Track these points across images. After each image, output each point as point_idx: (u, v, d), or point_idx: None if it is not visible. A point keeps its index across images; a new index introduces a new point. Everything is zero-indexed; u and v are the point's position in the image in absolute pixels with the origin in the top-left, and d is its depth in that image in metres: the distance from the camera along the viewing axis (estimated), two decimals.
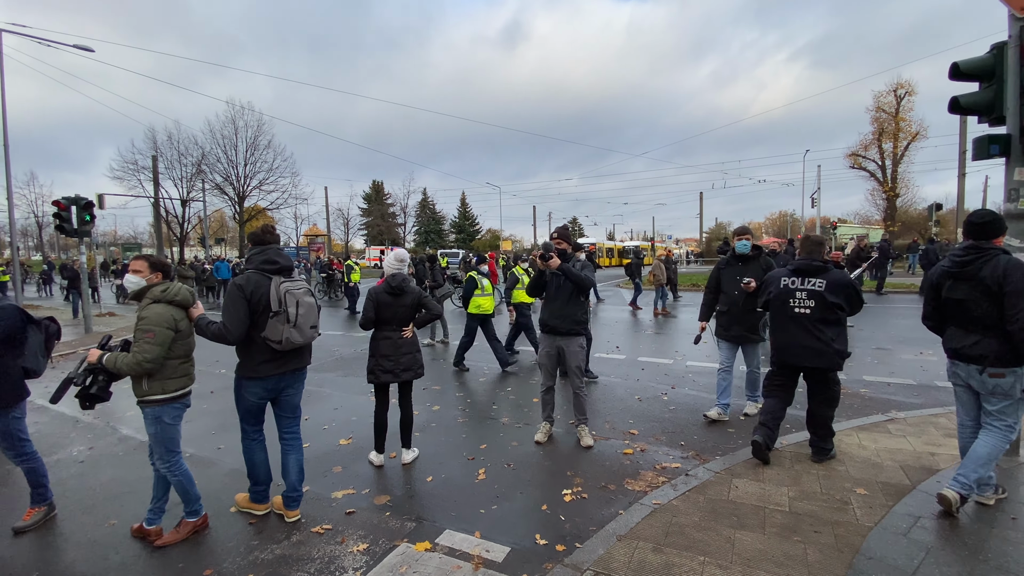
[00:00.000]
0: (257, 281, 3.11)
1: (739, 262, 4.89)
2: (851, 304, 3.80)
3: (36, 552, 3.04)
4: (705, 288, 5.23)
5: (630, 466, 4.00)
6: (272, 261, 3.19)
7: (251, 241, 3.36)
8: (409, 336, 4.04)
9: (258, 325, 3.10)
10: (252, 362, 3.19)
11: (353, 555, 2.92)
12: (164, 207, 32.60)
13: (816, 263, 3.86)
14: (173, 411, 3.06)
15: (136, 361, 2.87)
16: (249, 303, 3.07)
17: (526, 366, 7.47)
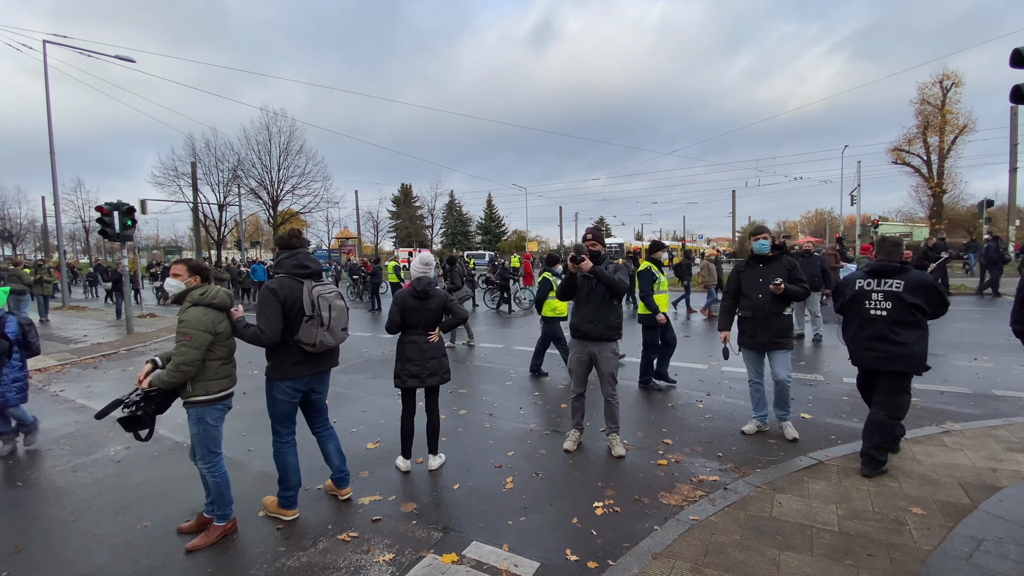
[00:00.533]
0: (290, 285, 3.16)
1: (759, 263, 4.56)
2: (933, 305, 3.60)
3: (70, 553, 3.09)
4: (723, 293, 4.90)
5: (664, 478, 3.83)
6: (303, 265, 3.25)
7: (279, 246, 3.39)
8: (435, 340, 3.98)
9: (291, 328, 3.16)
10: (284, 364, 3.23)
11: (379, 565, 2.86)
12: (202, 211, 33.74)
13: (894, 264, 3.72)
14: (216, 412, 3.11)
15: (175, 364, 2.93)
16: (283, 307, 3.12)
17: (547, 370, 7.33)
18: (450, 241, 62.19)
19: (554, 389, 6.30)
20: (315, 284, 3.22)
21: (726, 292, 4.80)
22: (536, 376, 7.04)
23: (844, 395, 5.74)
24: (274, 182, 37.44)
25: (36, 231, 49.79)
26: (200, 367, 3.00)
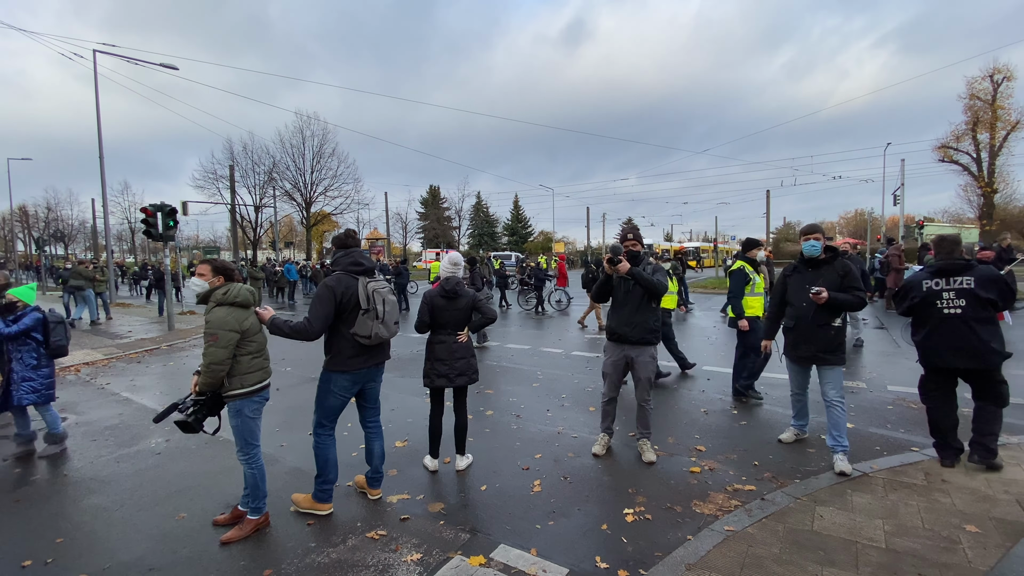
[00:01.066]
0: (347, 281, 3.31)
1: (808, 267, 4.08)
2: (1004, 298, 3.60)
3: (112, 541, 3.20)
4: (770, 299, 4.60)
5: (697, 486, 3.72)
6: (358, 263, 3.41)
7: (335, 245, 3.55)
8: (464, 340, 3.97)
9: (346, 322, 3.30)
10: (342, 356, 3.36)
11: (407, 565, 2.86)
12: (239, 213, 34.86)
13: (960, 261, 3.67)
14: (253, 404, 3.22)
15: (206, 365, 3.01)
16: (339, 302, 3.26)
17: (575, 372, 7.25)
18: (477, 242, 62.50)
19: (581, 392, 6.22)
20: (369, 280, 3.36)
21: (772, 297, 4.47)
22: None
23: (888, 404, 5.47)
24: (307, 184, 38.40)
25: (86, 231, 52.46)
26: (232, 363, 3.08)
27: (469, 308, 3.98)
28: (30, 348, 4.56)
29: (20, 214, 51.31)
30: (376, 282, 3.39)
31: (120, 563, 2.96)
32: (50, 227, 51.48)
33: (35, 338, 4.57)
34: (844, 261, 4.05)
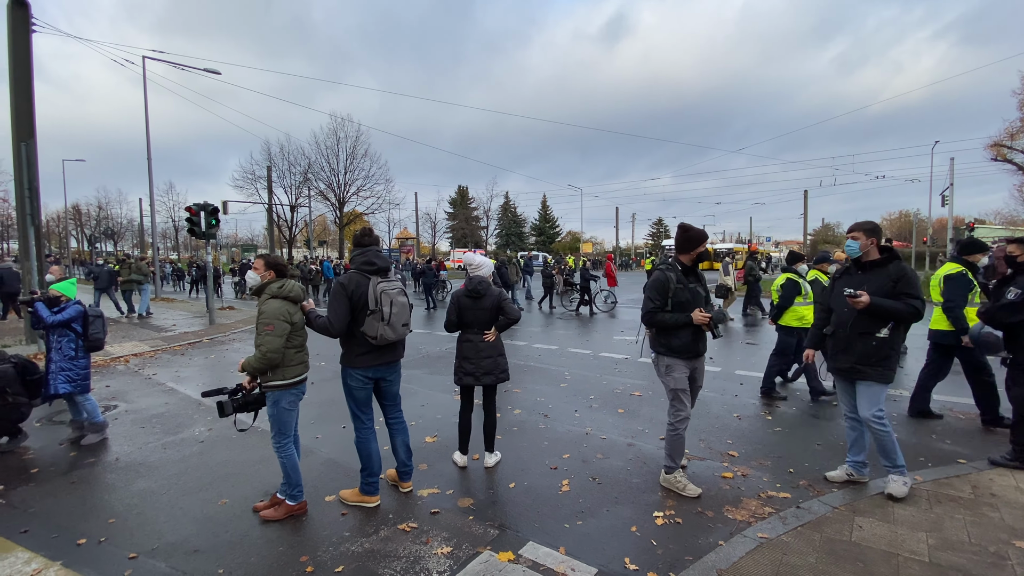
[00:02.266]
0: (358, 281, 3.36)
1: (858, 270, 3.59)
2: None
3: (159, 523, 3.37)
4: (817, 303, 4.28)
5: (730, 492, 3.65)
6: (370, 263, 3.43)
7: (353, 243, 3.61)
8: (491, 339, 4.01)
9: (358, 321, 3.36)
10: (352, 354, 3.46)
11: (437, 557, 2.91)
12: (276, 212, 35.97)
13: None
14: (290, 396, 3.36)
15: (262, 353, 3.16)
16: (351, 300, 3.32)
17: (603, 373, 7.20)
18: (504, 242, 62.72)
19: (610, 393, 6.18)
20: (380, 280, 3.37)
21: (819, 302, 4.12)
22: (771, 398, 5.89)
23: None
24: (341, 184, 39.31)
25: (134, 229, 55.06)
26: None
27: (495, 308, 3.99)
28: (70, 339, 4.81)
29: (74, 213, 54.31)
30: (387, 283, 3.39)
31: (167, 544, 3.12)
32: (101, 225, 54.27)
33: (75, 329, 4.83)
34: (900, 264, 3.49)
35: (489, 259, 4.37)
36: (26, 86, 9.27)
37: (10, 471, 4.24)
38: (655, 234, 74.06)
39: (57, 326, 4.74)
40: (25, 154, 9.05)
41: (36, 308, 4.75)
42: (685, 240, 3.70)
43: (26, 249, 9.16)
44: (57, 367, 4.75)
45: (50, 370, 4.76)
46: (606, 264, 17.66)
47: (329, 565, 2.86)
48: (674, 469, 3.70)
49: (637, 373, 7.16)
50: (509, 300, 4.09)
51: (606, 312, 14.58)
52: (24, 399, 4.79)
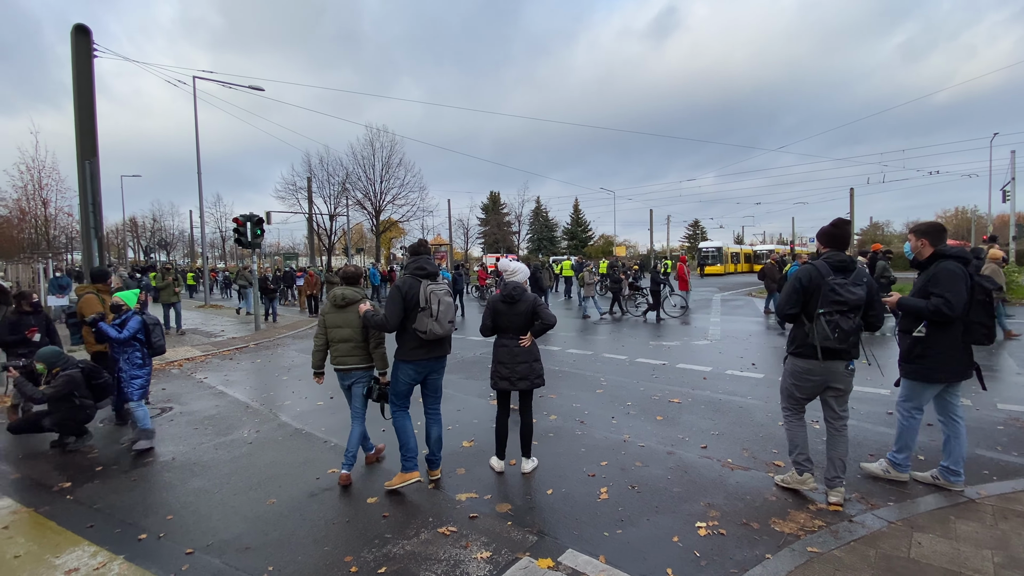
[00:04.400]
0: (411, 283, 3.80)
1: (917, 270, 3.67)
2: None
3: (213, 521, 3.53)
4: None
5: (776, 503, 3.53)
6: (422, 268, 3.89)
7: (409, 252, 4.11)
8: (526, 344, 4.02)
9: (411, 318, 3.79)
10: (406, 348, 3.89)
11: (477, 562, 2.93)
12: (316, 221, 37.15)
13: None
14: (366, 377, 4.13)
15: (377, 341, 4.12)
16: (404, 300, 3.77)
17: (640, 380, 7.08)
18: (536, 246, 62.70)
19: (647, 400, 6.08)
20: (430, 283, 3.80)
21: None
22: None
23: (999, 424, 4.92)
24: (377, 193, 40.24)
25: (184, 239, 57.98)
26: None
27: (530, 313, 4.01)
28: (135, 348, 5.02)
29: (130, 225, 57.70)
30: (436, 284, 3.81)
31: (221, 541, 3.26)
32: (155, 236, 57.35)
33: (140, 339, 5.05)
34: (940, 264, 3.47)
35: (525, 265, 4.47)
36: (89, 107, 9.94)
37: (77, 469, 4.52)
38: (691, 236, 72.44)
39: (126, 341, 4.97)
40: (89, 171, 9.70)
41: (102, 329, 4.95)
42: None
43: (89, 259, 9.79)
44: (128, 375, 4.98)
45: (121, 379, 5.00)
46: (679, 267, 15.95)
47: (372, 566, 2.92)
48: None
49: (675, 380, 7.02)
50: (544, 305, 4.10)
51: (676, 318, 13.56)
52: (90, 402, 5.12)
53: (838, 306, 3.28)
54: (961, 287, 3.36)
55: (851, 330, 3.28)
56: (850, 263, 3.38)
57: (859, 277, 3.36)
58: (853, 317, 3.31)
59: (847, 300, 3.26)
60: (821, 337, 3.31)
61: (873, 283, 3.43)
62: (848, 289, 3.28)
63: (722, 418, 5.31)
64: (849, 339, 3.30)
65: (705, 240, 52.79)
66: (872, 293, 3.39)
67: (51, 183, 31.66)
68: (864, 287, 3.34)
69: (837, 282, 3.29)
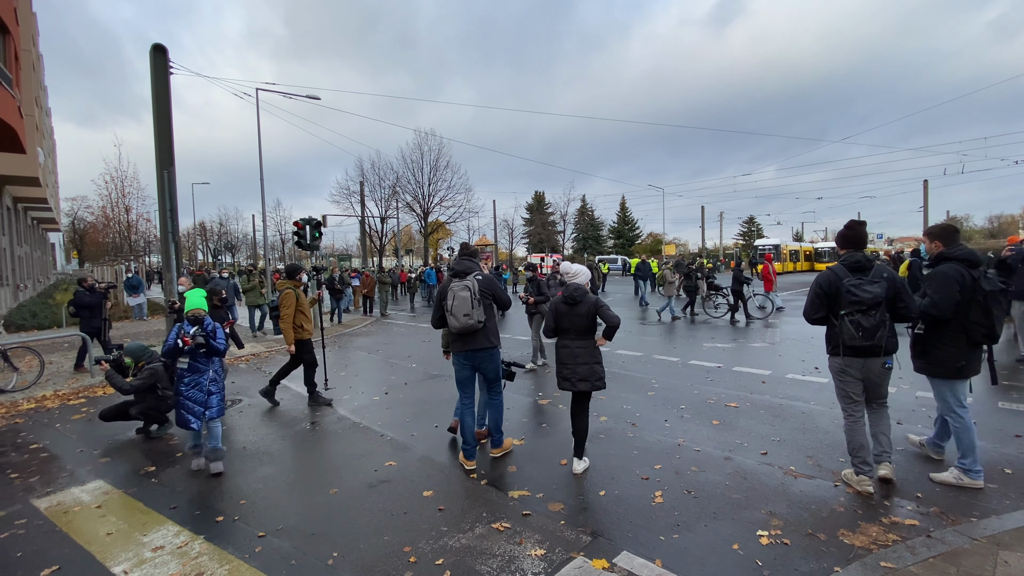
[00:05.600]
0: (446, 283, 4.34)
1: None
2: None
3: (281, 506, 3.75)
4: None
5: (845, 514, 3.35)
6: (451, 268, 4.45)
7: (459, 254, 4.58)
8: (596, 345, 4.09)
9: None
10: (447, 340, 4.65)
11: (531, 559, 2.97)
12: (367, 224, 38.49)
13: None
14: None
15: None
16: (440, 298, 4.31)
17: (694, 383, 6.88)
18: (581, 246, 62.12)
19: (702, 404, 5.91)
20: (456, 281, 4.22)
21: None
22: None
23: None
24: (425, 196, 41.21)
25: (248, 243, 61.52)
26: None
27: (591, 314, 4.04)
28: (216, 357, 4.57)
29: (200, 229, 61.86)
30: (458, 282, 4.21)
31: (289, 526, 3.46)
32: (222, 240, 61.14)
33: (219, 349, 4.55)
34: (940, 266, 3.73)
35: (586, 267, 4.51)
36: (166, 121, 10.73)
37: (160, 455, 4.92)
38: (745, 233, 69.51)
39: (224, 352, 4.56)
40: (167, 180, 10.48)
41: (212, 347, 4.41)
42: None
43: (168, 262, 10.58)
44: (204, 391, 4.44)
45: (191, 399, 4.40)
46: (764, 266, 14.49)
47: (430, 557, 3.02)
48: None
49: (732, 383, 6.78)
50: (606, 306, 4.12)
51: (762, 320, 12.58)
52: (170, 392, 5.54)
53: (856, 305, 3.44)
54: (950, 289, 3.51)
55: (873, 327, 3.41)
56: (866, 263, 3.54)
57: (876, 275, 3.50)
58: (874, 314, 3.42)
59: (863, 299, 3.42)
60: (848, 337, 3.50)
61: (896, 277, 3.55)
62: (863, 288, 3.43)
63: (783, 424, 5.09)
64: (875, 335, 3.43)
65: (761, 237, 50.53)
66: (895, 287, 3.51)
67: (132, 191, 34.39)
68: (882, 283, 3.45)
69: (852, 283, 3.47)
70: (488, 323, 4.24)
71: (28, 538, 3.45)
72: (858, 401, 3.69)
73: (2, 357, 7.65)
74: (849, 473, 3.78)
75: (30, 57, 23.03)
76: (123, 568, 3.05)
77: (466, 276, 4.21)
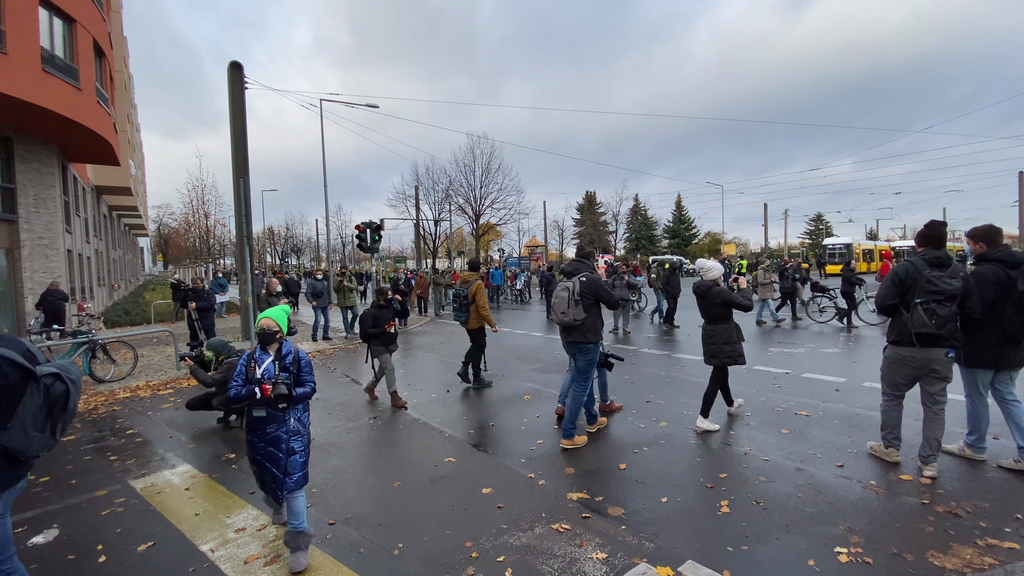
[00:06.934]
0: (548, 279, 4.85)
1: None
2: None
3: (348, 496, 3.92)
4: None
5: (934, 534, 3.09)
6: (563, 269, 4.99)
7: (575, 255, 5.09)
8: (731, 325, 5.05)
9: None
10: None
11: (593, 562, 2.94)
12: (422, 227, 39.53)
13: None
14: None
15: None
16: (550, 296, 4.73)
17: (760, 389, 6.55)
18: (634, 246, 60.83)
19: (769, 411, 5.63)
20: (563, 280, 4.82)
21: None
22: None
23: None
24: (477, 199, 41.80)
25: (311, 246, 64.83)
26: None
27: (715, 304, 4.99)
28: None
29: (268, 233, 65.84)
30: (562, 281, 4.78)
31: (356, 515, 3.61)
32: (288, 243, 64.78)
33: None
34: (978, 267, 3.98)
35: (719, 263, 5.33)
36: (242, 132, 11.52)
37: (238, 442, 5.27)
38: (812, 232, 65.59)
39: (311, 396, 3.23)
40: (242, 188, 11.24)
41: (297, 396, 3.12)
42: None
43: (243, 264, 11.34)
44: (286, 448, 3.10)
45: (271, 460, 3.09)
46: (883, 264, 13.39)
47: (491, 553, 3.06)
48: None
49: (802, 390, 6.42)
50: (731, 293, 5.02)
51: (879, 326, 11.28)
52: None
53: (935, 295, 3.65)
54: (985, 290, 3.79)
55: (948, 316, 3.62)
56: (946, 259, 3.75)
57: (955, 271, 3.72)
58: (950, 305, 3.64)
59: (943, 290, 3.63)
60: (919, 324, 3.70)
61: (969, 277, 3.79)
62: (945, 280, 3.66)
63: (861, 435, 4.76)
64: (946, 325, 3.63)
65: (830, 235, 47.51)
66: (968, 285, 3.75)
67: (211, 198, 37.08)
68: (960, 280, 3.70)
69: (934, 275, 3.68)
70: (587, 321, 4.64)
71: (126, 515, 3.80)
72: (902, 389, 4.02)
73: (102, 350, 8.46)
74: (878, 445, 4.24)
75: (122, 77, 25.39)
76: (210, 547, 3.30)
77: (572, 277, 4.72)
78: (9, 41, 10.12)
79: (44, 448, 2.22)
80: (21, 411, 2.12)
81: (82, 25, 13.00)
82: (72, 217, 16.50)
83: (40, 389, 2.17)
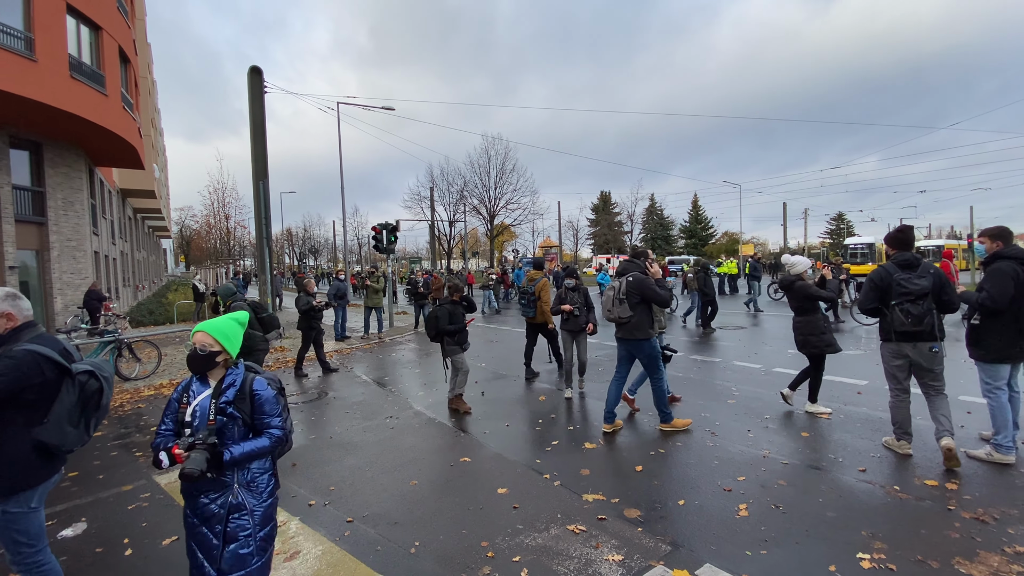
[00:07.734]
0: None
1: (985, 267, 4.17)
2: None
3: (366, 495, 3.96)
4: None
5: (960, 540, 3.02)
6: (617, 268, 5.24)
7: (629, 255, 5.36)
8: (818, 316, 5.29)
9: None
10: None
11: (609, 564, 2.93)
12: (437, 228, 39.78)
13: None
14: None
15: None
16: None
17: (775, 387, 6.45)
18: (649, 246, 60.36)
19: (789, 414, 5.55)
20: (614, 279, 5.09)
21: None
22: None
23: None
24: (491, 199, 41.90)
25: (328, 247, 65.66)
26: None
27: (799, 297, 5.30)
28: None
29: (287, 235, 66.85)
30: (613, 281, 5.05)
31: (373, 513, 3.66)
32: (306, 244, 65.71)
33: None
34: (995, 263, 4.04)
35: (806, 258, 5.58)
36: (261, 136, 11.72)
37: None
38: (833, 231, 64.26)
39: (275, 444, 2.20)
40: (262, 191, 11.44)
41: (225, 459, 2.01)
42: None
43: (263, 264, 11.54)
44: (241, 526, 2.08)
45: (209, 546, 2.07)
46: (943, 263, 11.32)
47: (507, 553, 3.07)
48: None
49: (822, 393, 6.26)
50: (813, 287, 5.25)
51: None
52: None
53: (906, 296, 3.98)
54: (1006, 284, 3.88)
55: (921, 314, 3.93)
56: (915, 260, 4.07)
57: (924, 271, 4.02)
58: (921, 303, 3.94)
59: (911, 290, 3.96)
60: (898, 324, 4.02)
61: (940, 272, 4.06)
62: (912, 281, 3.98)
63: (883, 439, 4.66)
64: (923, 322, 3.93)
65: (852, 235, 46.54)
66: (940, 281, 4.01)
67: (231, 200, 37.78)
68: (929, 278, 3.99)
69: (903, 277, 4.02)
70: (636, 318, 4.86)
71: (151, 510, 3.90)
72: (903, 383, 4.22)
73: (128, 349, 8.69)
74: (890, 439, 4.42)
75: (146, 83, 26.03)
76: None
77: (621, 276, 4.98)
78: (39, 49, 10.45)
79: (78, 443, 2.29)
80: (57, 407, 2.20)
81: (108, 33, 13.37)
82: (99, 219, 16.98)
83: (75, 386, 2.24)
